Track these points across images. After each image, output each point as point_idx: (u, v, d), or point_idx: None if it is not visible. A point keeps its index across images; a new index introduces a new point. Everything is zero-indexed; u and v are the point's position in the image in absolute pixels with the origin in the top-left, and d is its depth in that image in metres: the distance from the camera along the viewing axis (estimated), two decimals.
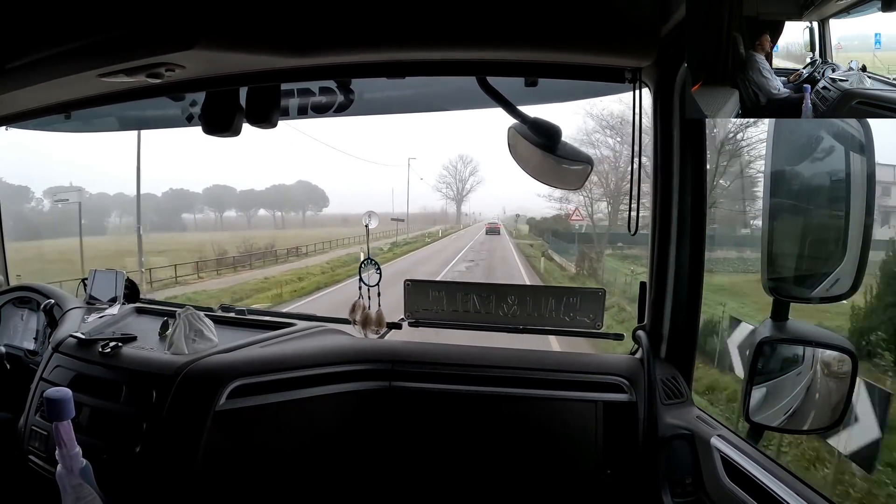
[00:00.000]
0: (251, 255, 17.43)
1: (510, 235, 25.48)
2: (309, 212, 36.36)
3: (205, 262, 15.77)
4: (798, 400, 1.02)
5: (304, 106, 1.49)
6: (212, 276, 15.01)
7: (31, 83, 1.19)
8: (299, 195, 36.55)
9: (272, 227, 32.63)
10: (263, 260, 17.51)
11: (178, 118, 1.64)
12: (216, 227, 31.85)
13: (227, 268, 16.20)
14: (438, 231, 29.48)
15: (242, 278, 14.54)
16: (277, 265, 16.94)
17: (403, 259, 17.35)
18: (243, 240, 19.27)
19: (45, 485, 1.22)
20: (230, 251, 17.65)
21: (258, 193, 35.97)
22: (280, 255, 18.37)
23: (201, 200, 33.53)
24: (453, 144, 71.67)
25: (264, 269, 16.15)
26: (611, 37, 1.03)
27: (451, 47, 1.06)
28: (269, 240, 19.89)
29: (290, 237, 22.31)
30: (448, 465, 1.32)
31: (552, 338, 2.63)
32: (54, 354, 1.46)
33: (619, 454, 1.25)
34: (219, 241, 19.02)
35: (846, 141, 0.92)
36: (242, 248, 18.04)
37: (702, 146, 1.22)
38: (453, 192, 35.59)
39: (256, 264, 16.81)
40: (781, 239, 0.97)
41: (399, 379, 1.37)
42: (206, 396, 1.22)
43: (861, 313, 4.18)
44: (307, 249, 19.80)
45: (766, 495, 0.94)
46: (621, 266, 11.42)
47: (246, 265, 16.74)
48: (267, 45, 1.04)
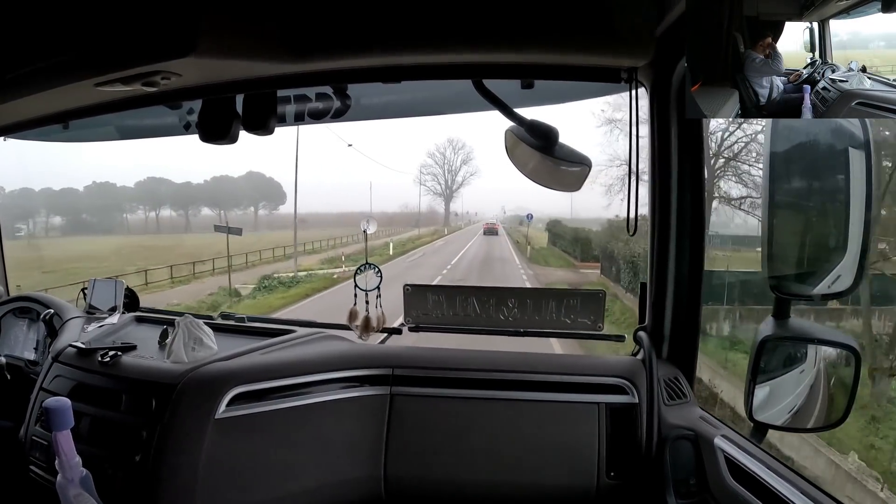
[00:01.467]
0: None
1: (520, 252, 18.43)
2: (262, 210, 29.91)
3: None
4: (802, 398, 1.02)
5: (300, 112, 1.50)
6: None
7: (28, 93, 1.20)
8: (249, 190, 29.87)
9: (197, 229, 24.53)
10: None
11: (175, 126, 1.64)
12: (148, 228, 27.05)
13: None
14: (414, 236, 22.69)
15: None
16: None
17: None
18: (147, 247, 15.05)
19: (46, 494, 1.22)
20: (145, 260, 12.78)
21: (196, 188, 29.13)
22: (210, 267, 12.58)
23: (131, 196, 27.63)
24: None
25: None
26: (606, 37, 1.03)
27: (447, 51, 1.06)
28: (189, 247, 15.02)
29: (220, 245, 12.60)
30: (451, 469, 1.31)
31: (553, 339, 2.60)
32: (54, 364, 1.46)
33: (623, 456, 1.24)
34: (128, 247, 15.56)
35: (845, 137, 0.92)
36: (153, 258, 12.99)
37: (699, 145, 1.22)
38: (441, 185, 29.15)
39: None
40: (782, 236, 0.97)
41: (400, 384, 1.36)
42: (205, 404, 1.22)
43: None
44: (247, 260, 13.82)
45: (770, 495, 0.94)
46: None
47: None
48: (263, 52, 1.04)
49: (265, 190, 29.93)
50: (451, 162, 28.48)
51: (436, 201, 29.01)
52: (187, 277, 12.93)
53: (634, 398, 1.26)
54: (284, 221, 25.79)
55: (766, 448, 1.04)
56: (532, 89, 1.21)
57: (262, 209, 30.08)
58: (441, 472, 1.31)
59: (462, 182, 29.35)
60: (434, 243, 21.80)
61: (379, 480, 1.32)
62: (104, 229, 25.18)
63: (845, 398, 0.97)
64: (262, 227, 26.47)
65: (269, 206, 30.09)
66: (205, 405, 1.22)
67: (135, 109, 1.38)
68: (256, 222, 28.01)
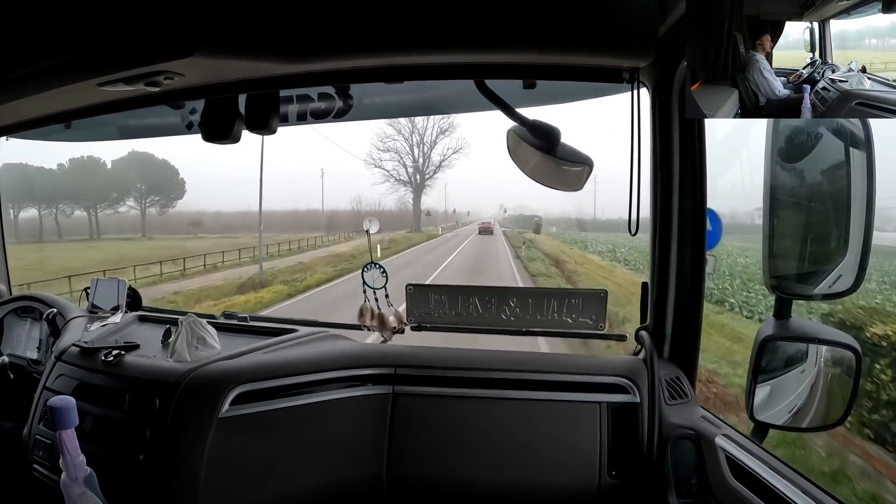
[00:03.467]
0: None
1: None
2: (152, 207, 22.25)
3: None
4: (802, 398, 1.02)
5: (303, 112, 1.50)
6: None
7: (31, 93, 1.20)
8: (132, 178, 21.66)
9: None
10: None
11: (178, 126, 1.65)
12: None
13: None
14: (316, 260, 13.75)
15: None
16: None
17: None
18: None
19: (50, 493, 1.22)
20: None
21: (52, 174, 20.98)
22: None
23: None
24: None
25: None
26: (608, 37, 1.03)
27: (449, 51, 1.06)
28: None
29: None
30: (453, 468, 1.31)
31: (553, 339, 2.57)
32: (57, 363, 1.46)
33: (624, 455, 1.25)
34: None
35: (846, 136, 0.92)
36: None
37: (701, 145, 1.22)
38: (407, 169, 17.00)
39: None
40: (783, 236, 0.97)
41: (402, 383, 1.36)
42: (209, 403, 1.22)
43: None
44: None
45: (772, 494, 0.94)
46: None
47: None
48: (265, 52, 1.04)
49: (155, 178, 22.33)
50: (422, 133, 16.77)
51: (402, 193, 17.20)
52: None
53: (636, 397, 1.26)
54: (178, 224, 19.50)
55: (767, 448, 1.04)
56: (534, 89, 1.21)
57: (154, 205, 22.44)
58: (443, 471, 1.31)
59: (442, 164, 17.72)
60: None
61: (381, 479, 1.32)
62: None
63: (846, 397, 0.97)
64: (154, 231, 20.11)
65: (166, 201, 22.26)
66: (208, 404, 1.22)
67: (137, 109, 1.39)
68: (144, 225, 21.06)
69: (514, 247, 15.49)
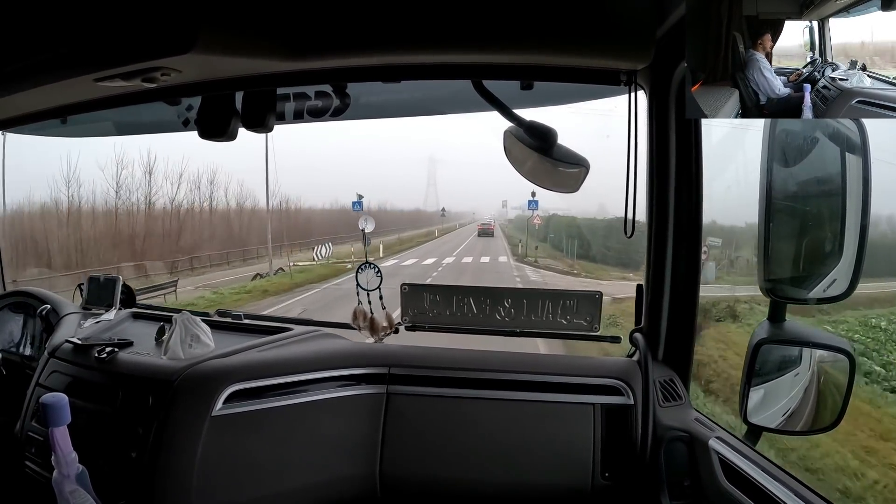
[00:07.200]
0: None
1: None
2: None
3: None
4: (796, 401, 1.03)
5: (300, 110, 1.49)
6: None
7: (26, 88, 1.19)
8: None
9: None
10: None
11: (174, 122, 1.64)
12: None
13: None
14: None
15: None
16: None
17: None
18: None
19: (42, 490, 1.22)
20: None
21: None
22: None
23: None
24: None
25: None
26: (606, 39, 1.03)
27: (447, 51, 1.06)
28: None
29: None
30: (445, 468, 1.31)
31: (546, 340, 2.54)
32: (50, 360, 1.45)
33: (617, 457, 1.25)
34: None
35: (842, 141, 0.92)
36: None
37: (698, 147, 1.22)
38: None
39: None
40: (778, 240, 0.97)
41: (396, 383, 1.36)
42: (202, 401, 1.22)
43: None
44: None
45: (765, 497, 0.94)
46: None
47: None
48: (263, 50, 1.04)
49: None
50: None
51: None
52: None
53: (630, 399, 1.27)
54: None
55: (760, 450, 1.05)
56: (531, 90, 1.21)
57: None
58: (436, 470, 1.31)
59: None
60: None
61: (374, 478, 1.32)
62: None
63: (839, 401, 0.97)
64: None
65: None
66: (201, 402, 1.22)
67: (133, 105, 1.38)
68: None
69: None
